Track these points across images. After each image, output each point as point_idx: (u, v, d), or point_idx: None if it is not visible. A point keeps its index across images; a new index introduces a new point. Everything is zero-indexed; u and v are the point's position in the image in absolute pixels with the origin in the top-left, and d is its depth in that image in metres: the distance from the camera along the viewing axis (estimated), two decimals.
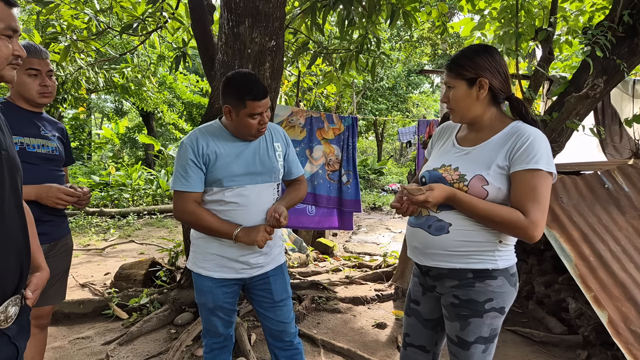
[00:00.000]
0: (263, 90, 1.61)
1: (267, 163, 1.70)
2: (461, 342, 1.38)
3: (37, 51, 1.76)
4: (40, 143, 1.80)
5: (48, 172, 1.81)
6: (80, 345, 2.83)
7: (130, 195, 9.34)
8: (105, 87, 7.70)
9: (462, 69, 1.37)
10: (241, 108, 1.59)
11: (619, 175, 2.86)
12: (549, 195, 1.29)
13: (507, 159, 1.31)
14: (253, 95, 1.58)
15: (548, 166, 1.27)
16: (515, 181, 1.29)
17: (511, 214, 1.27)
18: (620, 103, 4.47)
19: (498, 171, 1.32)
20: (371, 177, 14.97)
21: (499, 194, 1.32)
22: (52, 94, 1.83)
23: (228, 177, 1.63)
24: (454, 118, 1.45)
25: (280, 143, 1.80)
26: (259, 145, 1.72)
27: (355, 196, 4.05)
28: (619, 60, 2.80)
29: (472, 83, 1.36)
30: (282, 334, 1.79)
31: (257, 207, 1.67)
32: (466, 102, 1.38)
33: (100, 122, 20.68)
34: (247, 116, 1.60)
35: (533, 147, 1.28)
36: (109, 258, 5.37)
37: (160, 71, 8.67)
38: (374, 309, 3.56)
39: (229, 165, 1.64)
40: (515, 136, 1.32)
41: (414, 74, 17.84)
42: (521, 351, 2.80)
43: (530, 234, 1.26)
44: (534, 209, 1.25)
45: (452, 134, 1.52)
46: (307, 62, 4.44)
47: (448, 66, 1.41)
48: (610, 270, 2.40)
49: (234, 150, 1.66)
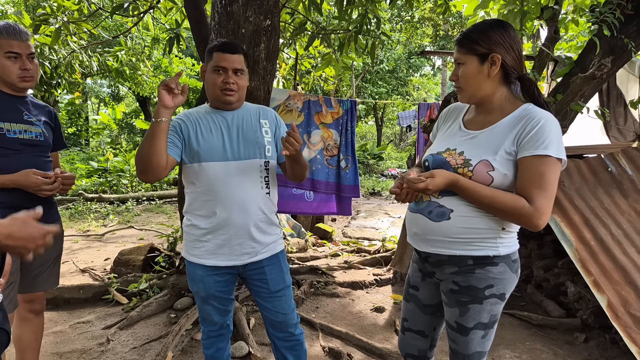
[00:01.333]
0: (233, 46, 1.57)
1: (250, 136, 1.64)
2: (460, 328, 1.37)
3: (17, 32, 1.67)
4: (23, 128, 1.74)
5: (32, 158, 1.76)
6: (81, 330, 2.84)
7: (128, 181, 9.32)
8: (100, 71, 7.58)
9: (474, 44, 1.29)
10: (209, 61, 1.58)
11: (623, 158, 2.82)
12: (556, 183, 1.23)
13: (515, 144, 1.25)
14: (219, 47, 1.56)
15: (558, 152, 1.21)
16: (523, 167, 1.24)
17: (515, 201, 1.22)
18: (626, 84, 4.39)
19: (505, 157, 1.26)
20: (370, 162, 14.93)
21: (505, 181, 1.27)
22: (33, 77, 1.75)
23: (206, 151, 1.58)
24: (462, 97, 1.38)
25: (269, 121, 1.73)
26: (243, 119, 1.67)
27: (353, 181, 4.01)
28: (626, 39, 2.72)
29: (484, 59, 1.29)
30: (281, 324, 1.75)
31: (242, 185, 1.60)
32: (477, 79, 1.31)
33: (97, 108, 20.52)
34: (212, 70, 1.58)
35: (543, 132, 1.21)
36: (108, 244, 5.38)
37: (155, 54, 8.53)
38: (373, 294, 3.57)
39: (208, 138, 1.60)
40: (525, 120, 1.26)
41: (414, 56, 17.61)
42: (519, 334, 2.81)
43: (535, 222, 1.21)
44: (540, 196, 1.20)
45: (459, 116, 1.46)
46: (304, 44, 4.35)
47: (459, 41, 1.34)
48: (611, 254, 2.38)
49: (214, 124, 1.63)
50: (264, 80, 2.62)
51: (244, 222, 1.60)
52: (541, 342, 2.70)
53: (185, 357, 2.47)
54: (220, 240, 1.61)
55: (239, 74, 1.60)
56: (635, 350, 2.04)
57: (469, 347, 1.37)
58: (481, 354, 1.39)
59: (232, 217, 1.59)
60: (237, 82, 1.60)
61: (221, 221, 1.59)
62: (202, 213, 1.62)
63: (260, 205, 1.65)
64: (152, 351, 2.52)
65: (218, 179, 1.58)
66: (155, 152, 1.44)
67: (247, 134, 1.64)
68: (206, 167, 1.58)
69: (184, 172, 1.66)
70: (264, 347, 2.59)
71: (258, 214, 1.64)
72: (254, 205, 1.62)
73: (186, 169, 1.64)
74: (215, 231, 1.61)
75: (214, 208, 1.60)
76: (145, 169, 1.47)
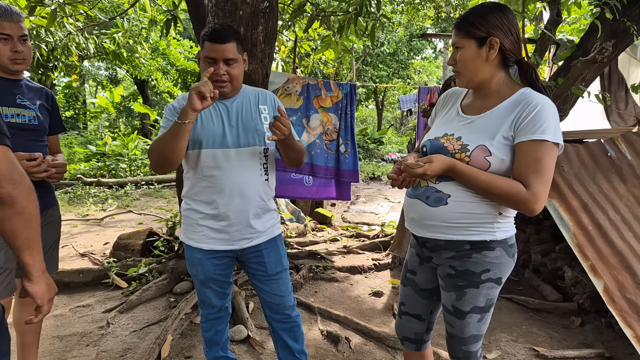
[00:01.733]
0: (223, 34, 1.52)
1: (249, 123, 1.63)
2: (457, 312, 1.38)
3: (8, 13, 1.63)
4: (16, 112, 1.71)
5: (26, 142, 1.73)
6: (81, 313, 2.87)
7: (127, 166, 9.30)
8: (97, 53, 7.48)
9: (472, 27, 1.28)
10: (201, 50, 1.56)
11: (623, 143, 2.80)
12: (553, 168, 1.23)
13: (512, 129, 1.25)
14: (208, 36, 1.52)
15: (555, 137, 1.21)
16: (519, 152, 1.24)
17: (512, 186, 1.22)
18: (627, 68, 4.34)
19: (502, 142, 1.26)
20: (371, 146, 14.87)
21: (502, 166, 1.27)
22: (25, 60, 1.72)
23: (207, 138, 1.57)
24: (460, 82, 1.37)
25: (268, 106, 1.71)
26: (242, 105, 1.65)
27: (353, 166, 3.99)
28: (629, 23, 2.68)
29: (482, 43, 1.28)
30: (279, 307, 1.77)
31: (241, 172, 1.60)
32: (475, 63, 1.30)
33: (94, 91, 20.35)
34: (203, 59, 1.55)
35: (540, 117, 1.21)
36: (107, 228, 5.39)
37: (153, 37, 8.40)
38: (371, 278, 3.59)
39: (208, 125, 1.58)
40: (522, 104, 1.25)
41: (416, 38, 17.37)
42: (516, 318, 2.84)
43: (531, 207, 1.22)
44: (536, 181, 1.21)
45: (457, 101, 1.45)
46: (303, 26, 4.28)
47: (457, 25, 1.32)
48: (609, 239, 2.38)
49: (214, 111, 1.61)
50: (262, 64, 2.58)
51: (243, 209, 1.61)
52: (537, 325, 2.73)
53: (185, 341, 2.50)
54: (219, 225, 1.62)
55: (231, 64, 1.55)
56: (630, 333, 2.07)
57: (466, 331, 1.39)
58: (477, 337, 1.40)
59: (231, 203, 1.59)
60: (229, 73, 1.55)
61: (220, 207, 1.60)
62: (202, 199, 1.62)
63: (259, 192, 1.65)
64: (151, 334, 2.55)
65: (218, 166, 1.58)
66: (179, 151, 1.49)
67: (246, 121, 1.63)
68: (206, 154, 1.58)
69: (185, 158, 1.65)
70: (262, 330, 2.62)
71: (257, 201, 1.64)
72: (253, 192, 1.63)
73: (187, 155, 1.63)
74: (214, 217, 1.62)
75: (213, 195, 1.60)
76: (165, 165, 1.52)
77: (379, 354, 2.40)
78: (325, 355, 2.38)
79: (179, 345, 2.44)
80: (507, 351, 2.43)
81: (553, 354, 2.35)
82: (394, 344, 2.44)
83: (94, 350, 2.40)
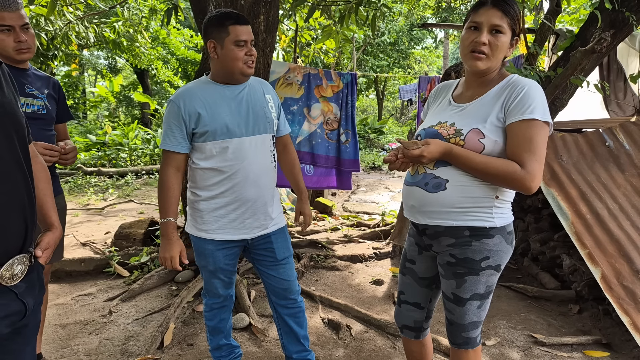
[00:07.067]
0: (244, 17, 1.55)
1: (259, 112, 1.64)
2: (457, 299, 1.40)
3: (6, 3, 1.61)
4: (24, 102, 1.72)
5: (35, 132, 1.74)
6: (83, 302, 2.90)
7: (127, 155, 9.30)
8: (97, 42, 7.43)
9: (515, 20, 1.32)
10: (225, 36, 1.52)
11: (621, 132, 2.81)
12: (545, 146, 1.27)
13: (502, 111, 1.30)
14: (234, 19, 1.52)
15: (544, 116, 1.26)
16: (511, 132, 1.28)
17: (507, 166, 1.25)
18: (626, 58, 4.33)
19: (495, 123, 1.30)
20: (371, 136, 14.84)
21: (496, 147, 1.30)
22: (30, 48, 1.71)
23: (221, 128, 1.57)
24: (482, 64, 1.32)
25: (272, 96, 1.74)
26: (250, 94, 1.65)
27: (353, 156, 4.01)
28: (628, 13, 2.67)
29: (513, 38, 1.33)
30: (286, 292, 1.80)
31: (256, 160, 1.62)
32: (504, 53, 1.34)
33: (94, 80, 20.23)
34: (232, 44, 1.53)
35: (528, 97, 1.25)
36: (108, 217, 5.42)
37: (153, 25, 8.34)
38: (372, 267, 3.63)
39: (219, 115, 1.57)
40: (510, 87, 1.31)
41: (416, 28, 17.21)
42: (514, 306, 2.87)
43: (527, 184, 1.25)
44: (530, 159, 1.24)
45: (448, 93, 1.49)
46: (304, 15, 4.25)
47: (505, 10, 1.29)
48: (606, 227, 2.41)
49: (223, 100, 1.60)
50: (264, 53, 2.58)
51: (259, 196, 1.64)
52: (536, 313, 2.77)
53: (187, 329, 2.53)
54: (234, 214, 1.64)
55: (253, 49, 1.59)
56: (627, 321, 2.10)
57: (465, 317, 1.41)
58: (477, 323, 1.43)
59: (246, 192, 1.61)
60: (254, 54, 1.59)
61: (236, 196, 1.61)
62: (215, 189, 1.62)
63: (272, 179, 1.69)
64: (154, 323, 2.58)
65: (233, 155, 1.59)
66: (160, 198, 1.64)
67: (256, 108, 1.64)
68: (221, 145, 1.58)
69: (195, 149, 1.63)
70: (264, 318, 2.66)
71: (269, 188, 1.68)
72: (267, 179, 1.66)
73: (198, 147, 1.61)
74: (227, 206, 1.62)
75: (228, 184, 1.61)
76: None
77: (379, 341, 2.44)
78: (327, 342, 2.42)
79: (182, 333, 2.47)
80: (506, 338, 2.47)
81: (551, 340, 2.39)
82: (394, 331, 2.47)
83: (97, 338, 2.43)
